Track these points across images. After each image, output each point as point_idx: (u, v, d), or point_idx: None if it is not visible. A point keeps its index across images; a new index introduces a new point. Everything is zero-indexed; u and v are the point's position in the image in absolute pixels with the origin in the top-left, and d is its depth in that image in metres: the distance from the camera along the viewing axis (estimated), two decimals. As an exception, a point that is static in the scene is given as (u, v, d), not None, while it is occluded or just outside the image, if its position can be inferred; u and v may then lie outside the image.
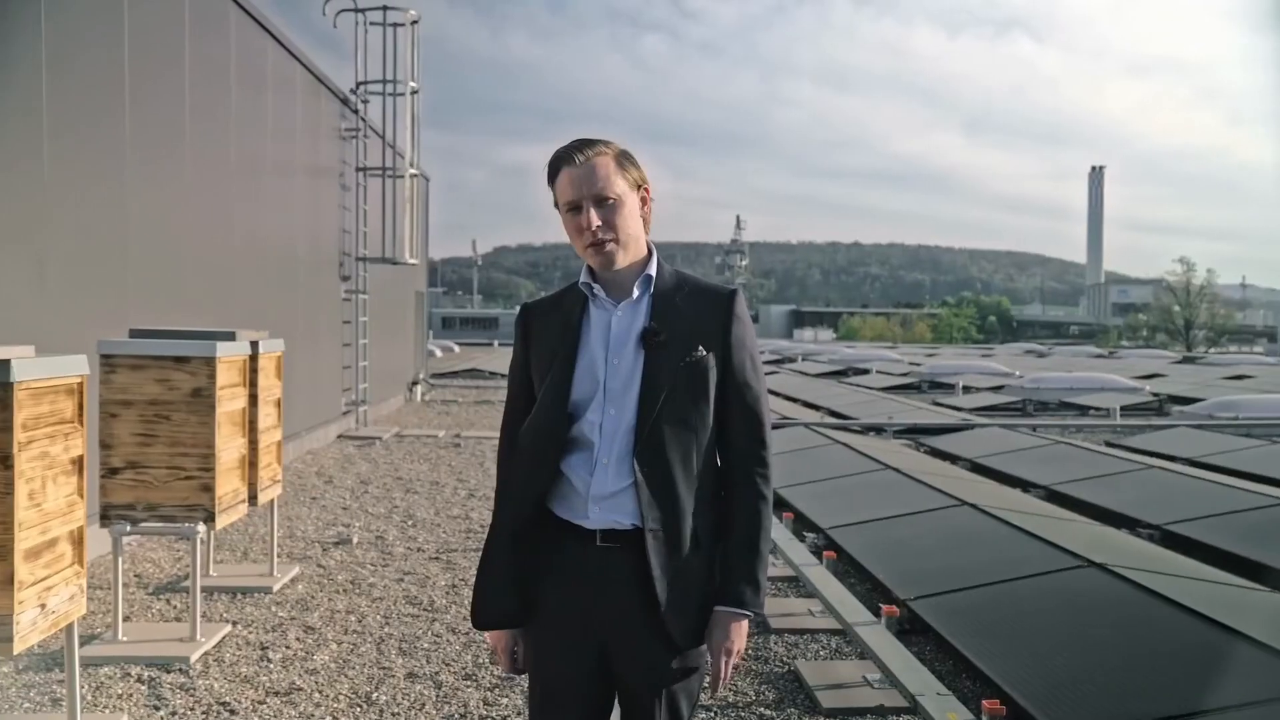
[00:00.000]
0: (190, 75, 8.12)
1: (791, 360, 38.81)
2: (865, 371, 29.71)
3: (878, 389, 22.34)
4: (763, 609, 2.09)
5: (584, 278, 2.13)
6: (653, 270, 2.12)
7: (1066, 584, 5.11)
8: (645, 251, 2.13)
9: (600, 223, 2.03)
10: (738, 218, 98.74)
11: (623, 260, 2.08)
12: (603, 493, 2.04)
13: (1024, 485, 9.37)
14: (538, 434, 2.11)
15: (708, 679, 2.15)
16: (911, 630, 5.01)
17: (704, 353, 2.06)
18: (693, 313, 2.08)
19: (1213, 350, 66.91)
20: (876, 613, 5.12)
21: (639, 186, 2.10)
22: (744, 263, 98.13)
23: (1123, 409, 17.53)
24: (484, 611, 2.17)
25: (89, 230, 6.53)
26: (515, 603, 2.12)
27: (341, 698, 4.18)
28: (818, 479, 8.91)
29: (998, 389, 22.42)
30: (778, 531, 7.05)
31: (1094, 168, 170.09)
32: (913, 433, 13.71)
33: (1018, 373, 25.73)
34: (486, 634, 2.25)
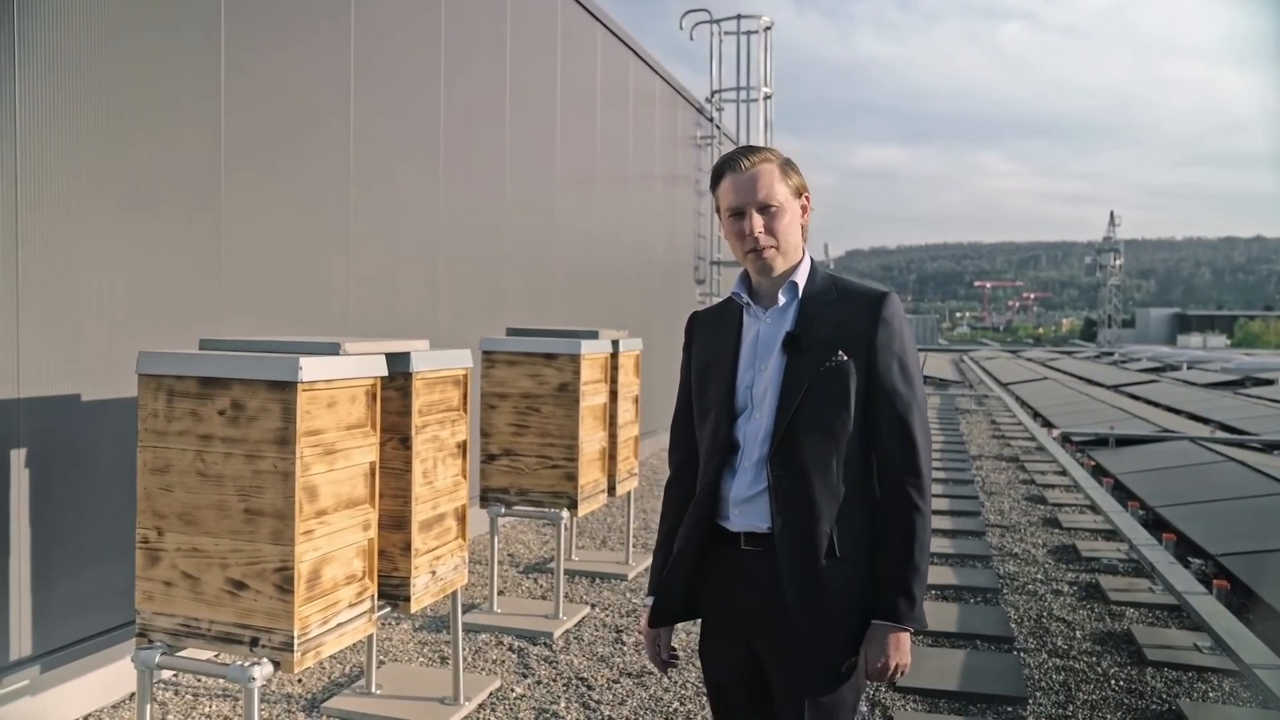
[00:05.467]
0: (561, 94, 8.77)
1: (1174, 369, 34.96)
2: (1269, 383, 26.03)
3: (1284, 402, 19.52)
4: (921, 623, 2.02)
5: (736, 287, 2.17)
6: (799, 277, 2.11)
7: None
8: (799, 259, 2.14)
9: (763, 229, 2.06)
10: (1111, 213, 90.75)
11: (781, 267, 2.10)
12: (740, 496, 2.07)
13: None
14: (704, 442, 2.16)
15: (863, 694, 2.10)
16: (1328, 680, 4.31)
17: (844, 358, 2.03)
18: (838, 317, 2.06)
19: None
20: (1282, 655, 4.46)
21: (800, 194, 2.12)
22: (1118, 262, 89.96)
23: None
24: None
25: (473, 241, 7.24)
26: (663, 600, 2.18)
27: (689, 685, 4.31)
28: (1205, 499, 7.94)
29: None
30: (1156, 554, 6.38)
31: None
32: (1330, 453, 11.85)
33: None
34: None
